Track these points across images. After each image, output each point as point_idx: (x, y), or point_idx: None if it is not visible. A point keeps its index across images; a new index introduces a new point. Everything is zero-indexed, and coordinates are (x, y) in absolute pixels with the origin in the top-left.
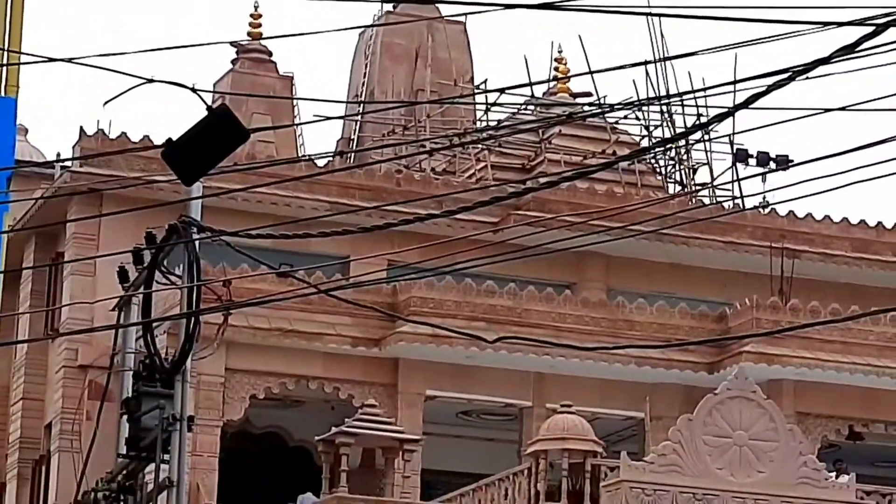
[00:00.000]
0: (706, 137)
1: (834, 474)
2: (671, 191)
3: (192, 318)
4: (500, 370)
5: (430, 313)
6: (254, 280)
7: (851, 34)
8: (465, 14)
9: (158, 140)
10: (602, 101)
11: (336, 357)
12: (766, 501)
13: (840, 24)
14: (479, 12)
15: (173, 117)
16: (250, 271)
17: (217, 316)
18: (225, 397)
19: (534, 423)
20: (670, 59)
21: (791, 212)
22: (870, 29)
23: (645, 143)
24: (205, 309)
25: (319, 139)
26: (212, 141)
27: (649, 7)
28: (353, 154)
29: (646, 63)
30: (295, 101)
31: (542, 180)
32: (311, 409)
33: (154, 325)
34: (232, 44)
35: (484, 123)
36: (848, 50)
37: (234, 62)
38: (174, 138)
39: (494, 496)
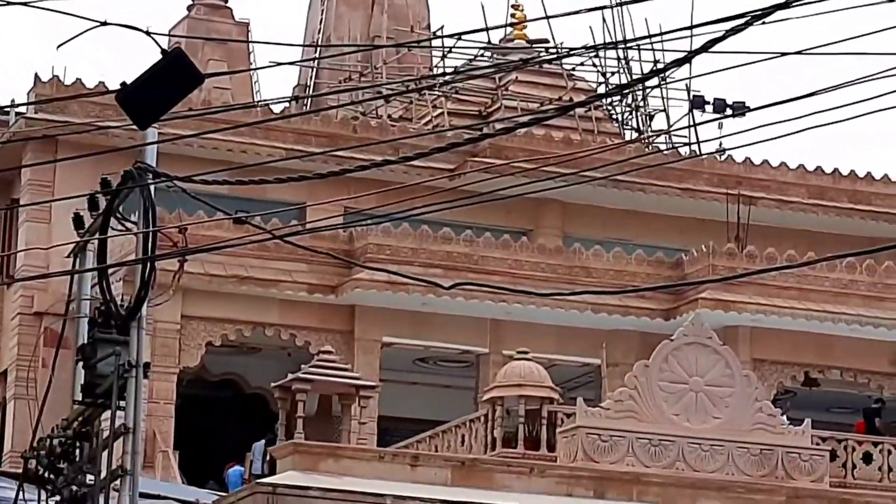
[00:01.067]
0: (663, 84)
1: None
2: (627, 137)
3: (148, 265)
4: (457, 317)
5: (387, 260)
6: (209, 227)
7: None
8: None
9: (114, 87)
10: (558, 47)
11: (292, 304)
12: (722, 447)
13: None
14: None
15: (129, 64)
16: (206, 218)
17: (173, 262)
18: (181, 344)
19: (490, 369)
20: (627, 3)
21: (747, 158)
22: None
23: (601, 89)
24: (160, 255)
25: (275, 86)
26: (166, 85)
27: None
28: (309, 100)
29: (602, 8)
30: (251, 47)
31: (499, 126)
32: (268, 356)
33: (109, 271)
34: None
35: (440, 70)
36: None
37: (189, 8)
38: (129, 83)
39: (451, 442)
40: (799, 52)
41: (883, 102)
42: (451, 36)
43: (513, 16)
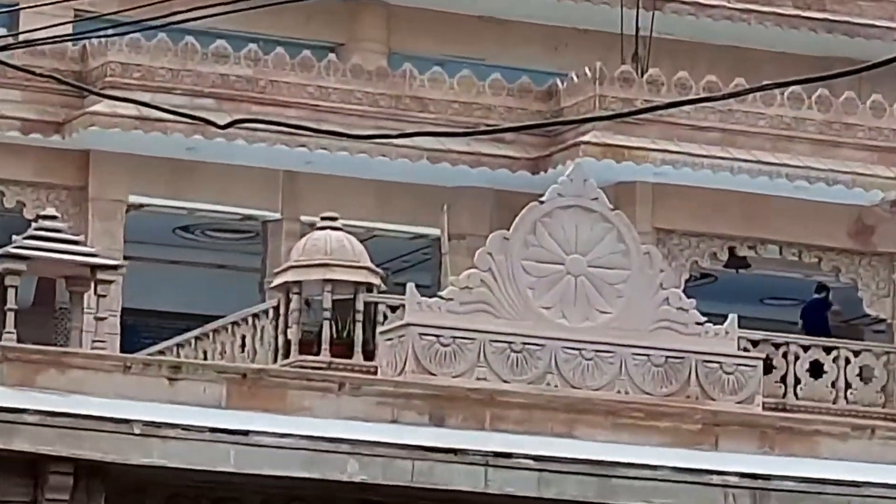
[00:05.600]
0: None
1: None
2: None
3: None
4: (236, 168)
5: (136, 86)
6: None
7: None
8: None
9: None
10: None
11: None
12: (612, 354)
13: None
14: None
15: None
16: None
17: None
18: None
19: (282, 243)
20: None
21: None
22: None
23: None
24: None
25: None
26: None
27: None
28: None
29: None
30: None
31: None
32: None
33: None
34: None
35: None
36: None
37: None
38: None
39: (226, 346)
40: None
41: None
42: None
43: None
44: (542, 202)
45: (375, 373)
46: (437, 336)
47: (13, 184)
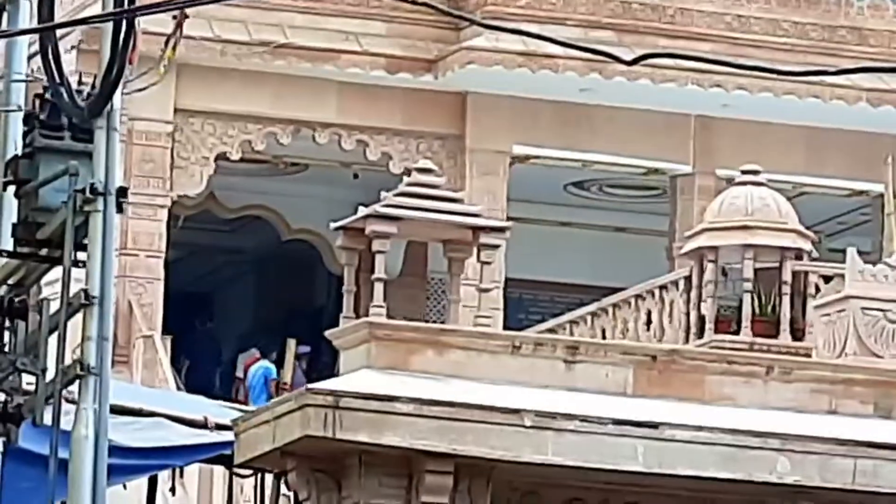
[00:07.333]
0: None
1: None
2: None
3: (123, 22)
4: (639, 113)
5: (521, 16)
6: None
7: None
8: None
9: None
10: None
11: (361, 90)
12: None
13: None
14: None
15: None
16: None
17: (163, 21)
18: (175, 157)
19: (695, 201)
20: None
21: None
22: None
23: None
24: (143, 7)
25: None
26: None
27: None
28: None
29: None
30: None
31: None
32: (320, 179)
33: (58, 32)
34: None
35: None
36: None
37: None
38: None
39: (628, 323)
40: None
41: None
42: None
43: None
44: None
45: (807, 355)
46: (883, 311)
47: (377, 132)
